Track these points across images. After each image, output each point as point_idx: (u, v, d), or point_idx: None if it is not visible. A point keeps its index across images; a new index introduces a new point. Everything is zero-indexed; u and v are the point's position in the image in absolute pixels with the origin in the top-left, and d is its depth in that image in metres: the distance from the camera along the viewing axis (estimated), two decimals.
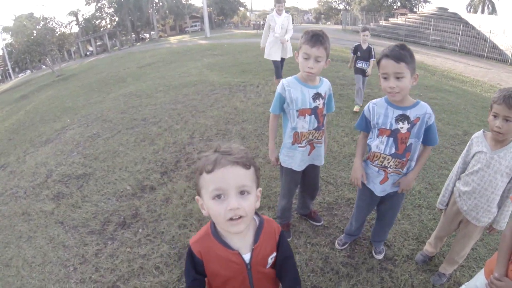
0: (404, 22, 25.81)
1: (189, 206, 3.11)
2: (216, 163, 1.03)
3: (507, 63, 18.42)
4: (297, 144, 2.33)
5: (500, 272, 1.57)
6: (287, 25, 6.38)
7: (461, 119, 5.94)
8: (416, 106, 1.93)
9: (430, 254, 2.61)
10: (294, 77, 2.23)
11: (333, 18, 55.53)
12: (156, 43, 28.37)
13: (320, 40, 2.03)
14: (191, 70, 9.55)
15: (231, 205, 1.01)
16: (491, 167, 1.93)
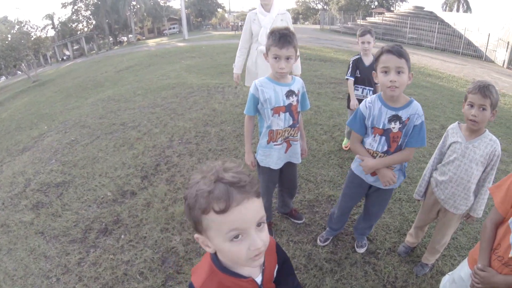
0: (381, 21, 26.29)
1: (170, 209, 3.09)
2: (230, 200, 0.84)
3: (481, 59, 19.06)
4: (273, 143, 2.34)
5: (483, 262, 1.59)
6: None
7: (438, 113, 6.09)
8: (408, 106, 1.96)
9: (411, 245, 2.67)
10: (266, 77, 2.26)
11: (311, 18, 56.03)
12: (134, 46, 28.06)
13: (288, 40, 2.07)
14: (169, 73, 9.47)
15: (256, 245, 0.87)
16: (466, 157, 2.00)
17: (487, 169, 1.99)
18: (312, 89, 6.98)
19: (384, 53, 1.87)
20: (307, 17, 58.50)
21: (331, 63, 10.59)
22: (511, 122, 6.61)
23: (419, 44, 21.75)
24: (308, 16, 57.94)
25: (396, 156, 2.06)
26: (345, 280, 2.40)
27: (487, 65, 17.14)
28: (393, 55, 1.82)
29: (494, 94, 1.85)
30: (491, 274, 1.54)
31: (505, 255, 1.50)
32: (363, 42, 3.64)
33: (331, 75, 8.50)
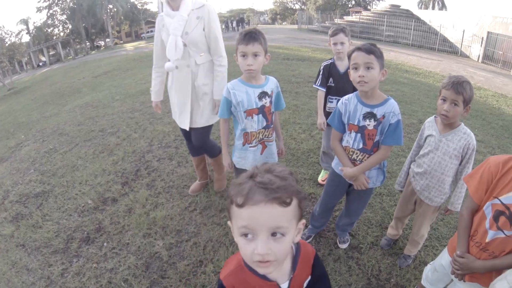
0: (358, 19, 26.68)
1: (152, 214, 3.06)
2: (248, 197, 0.85)
3: (457, 55, 19.66)
4: (248, 145, 2.34)
5: (462, 249, 1.64)
6: (198, 36, 2.67)
7: (415, 108, 6.23)
8: (384, 104, 1.97)
9: (393, 237, 2.72)
10: (238, 79, 2.25)
11: (289, 18, 56.30)
12: (111, 51, 27.66)
13: (254, 36, 2.06)
14: (147, 77, 9.32)
15: (258, 250, 0.86)
16: (439, 149, 2.05)
17: (463, 162, 2.03)
18: (290, 88, 7.03)
19: (355, 51, 1.91)
20: (285, 17, 58.80)
21: (308, 62, 10.71)
22: (486, 114, 6.84)
23: (396, 42, 22.16)
24: (286, 16, 58.24)
25: (373, 158, 2.08)
26: (329, 276, 2.42)
27: (463, 60, 17.66)
28: (362, 51, 1.87)
29: (467, 90, 1.88)
30: (470, 260, 1.59)
31: (482, 240, 1.55)
32: (335, 43, 2.93)
33: (309, 74, 8.57)
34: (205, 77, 2.81)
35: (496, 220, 1.48)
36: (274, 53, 12.28)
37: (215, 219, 2.98)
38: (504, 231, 1.45)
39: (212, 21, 2.67)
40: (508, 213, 1.43)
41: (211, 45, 2.74)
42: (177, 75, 2.81)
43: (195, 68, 2.77)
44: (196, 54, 2.72)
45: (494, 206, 1.49)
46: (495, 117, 6.80)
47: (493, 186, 1.51)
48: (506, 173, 1.46)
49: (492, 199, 1.50)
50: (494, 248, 1.52)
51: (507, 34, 17.00)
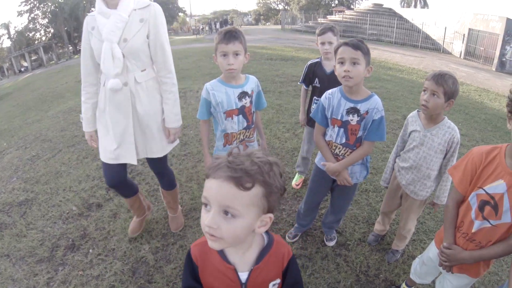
0: (341, 18, 26.86)
1: None
2: (213, 171, 0.91)
3: (439, 51, 20.07)
4: (229, 146, 2.31)
5: (448, 241, 1.66)
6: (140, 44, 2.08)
7: (399, 104, 6.30)
8: (368, 100, 1.98)
9: (380, 233, 2.74)
10: (217, 79, 2.21)
11: (273, 19, 56.47)
12: None
13: (234, 35, 2.03)
14: None
15: (206, 222, 0.90)
16: (424, 144, 2.07)
17: (447, 156, 2.06)
18: (274, 88, 7.00)
19: (342, 46, 1.91)
20: (268, 18, 58.97)
21: (292, 61, 10.73)
22: (469, 109, 6.97)
23: (379, 40, 22.43)
24: (270, 17, 58.41)
25: (355, 153, 2.09)
26: (317, 274, 2.43)
27: (445, 57, 17.98)
28: (349, 47, 1.87)
29: (449, 83, 1.90)
30: (457, 251, 1.61)
31: (468, 231, 1.57)
32: (323, 42, 2.85)
33: (293, 73, 8.58)
34: (149, 101, 2.22)
35: (482, 210, 1.51)
36: (257, 54, 12.28)
37: (200, 222, 2.94)
38: (490, 220, 1.48)
39: (160, 25, 2.12)
40: (493, 202, 1.46)
41: (157, 57, 2.15)
42: (111, 97, 2.12)
43: (135, 88, 2.14)
44: (136, 69, 2.11)
45: (479, 196, 1.52)
46: (478, 111, 6.92)
47: (477, 177, 1.53)
48: (490, 163, 1.49)
49: (477, 190, 1.53)
50: (480, 238, 1.54)
51: (487, 30, 17.41)
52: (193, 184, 3.49)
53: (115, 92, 2.11)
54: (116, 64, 2.02)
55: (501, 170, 1.43)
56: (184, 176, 3.65)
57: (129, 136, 2.24)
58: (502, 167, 1.43)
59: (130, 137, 2.24)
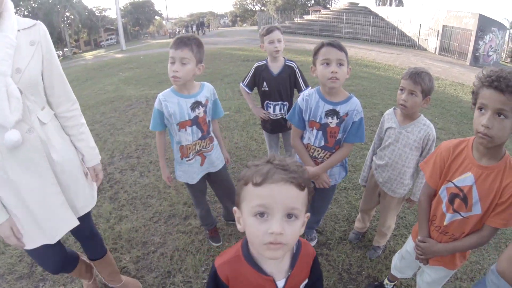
0: (318, 18, 27.13)
1: (116, 228, 2.94)
2: (268, 176, 0.88)
3: (415, 48, 20.58)
4: (185, 158, 2.24)
5: (423, 234, 1.69)
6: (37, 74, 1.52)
7: (376, 101, 6.39)
8: (347, 102, 1.96)
9: (361, 230, 2.74)
10: (170, 89, 2.12)
11: (249, 20, 56.74)
12: (70, 61, 26.61)
13: (185, 42, 1.94)
14: (107, 86, 9.11)
15: (273, 228, 0.85)
16: (400, 141, 2.07)
17: (424, 153, 2.07)
18: None
19: (325, 46, 1.88)
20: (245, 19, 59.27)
21: None
22: (445, 103, 7.13)
23: (356, 38, 22.73)
24: (246, 18, 58.72)
25: (335, 156, 2.08)
26: None
27: (421, 53, 18.40)
28: (334, 47, 1.85)
29: (426, 81, 1.92)
30: (431, 244, 1.64)
31: (441, 223, 1.59)
32: (272, 41, 2.72)
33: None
34: (63, 143, 1.68)
35: (452, 203, 1.53)
36: (234, 55, 12.30)
37: (180, 228, 2.90)
38: (461, 212, 1.50)
39: (52, 48, 1.65)
40: (462, 195, 1.48)
41: (54, 88, 1.65)
42: (12, 156, 1.47)
43: (44, 132, 1.56)
44: (37, 107, 1.56)
45: (448, 190, 1.54)
46: (453, 105, 7.09)
47: (446, 170, 1.55)
48: (457, 157, 1.51)
49: (446, 183, 1.55)
50: (453, 230, 1.56)
51: (461, 26, 17.97)
52: (171, 190, 3.44)
53: (15, 148, 1.46)
54: (15, 107, 1.40)
55: (469, 162, 1.46)
56: (162, 182, 3.58)
57: (56, 197, 1.63)
58: (470, 159, 1.46)
59: (57, 198, 1.64)
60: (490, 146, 1.34)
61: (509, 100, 1.23)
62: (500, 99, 1.24)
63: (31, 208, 1.55)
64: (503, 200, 1.38)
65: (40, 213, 1.58)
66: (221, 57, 12.03)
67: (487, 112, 1.28)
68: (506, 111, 1.24)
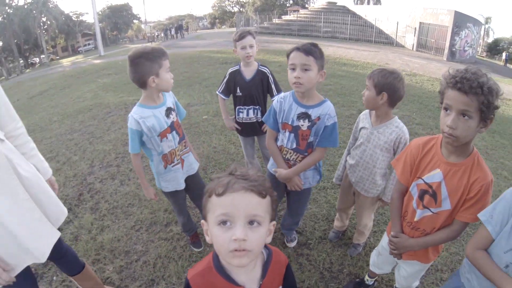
0: (296, 18, 27.29)
1: (99, 238, 2.91)
2: (228, 186, 0.92)
3: (393, 45, 20.99)
4: (170, 165, 2.27)
5: (395, 230, 1.74)
6: None
7: (354, 99, 6.48)
8: (319, 106, 1.97)
9: (340, 229, 2.79)
10: (138, 106, 2.10)
11: (228, 22, 56.62)
12: (47, 68, 26.05)
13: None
14: (85, 94, 8.98)
15: (237, 235, 0.88)
16: (371, 142, 2.11)
17: (396, 156, 2.07)
18: None
19: (294, 51, 1.88)
20: (224, 21, 59.12)
21: None
22: (423, 98, 7.28)
23: (334, 37, 22.95)
24: (225, 20, 58.59)
25: (307, 160, 2.09)
26: None
27: (398, 50, 18.72)
28: (301, 52, 1.84)
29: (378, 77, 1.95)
30: (403, 239, 1.69)
31: (412, 219, 1.65)
32: (244, 46, 2.73)
33: None
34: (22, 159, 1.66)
35: (422, 199, 1.58)
36: (212, 58, 12.23)
37: (161, 235, 2.91)
38: (431, 208, 1.56)
39: None
40: (431, 191, 1.53)
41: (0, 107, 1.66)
42: None
43: (4, 148, 1.52)
44: None
45: (418, 186, 1.59)
46: (431, 100, 7.24)
47: (416, 167, 1.60)
48: (427, 154, 1.56)
49: (416, 180, 1.60)
50: (424, 226, 1.62)
51: (437, 23, 18.46)
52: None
53: None
54: None
55: (437, 159, 1.51)
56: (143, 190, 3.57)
57: (33, 213, 1.60)
58: (438, 157, 1.51)
59: (34, 213, 1.60)
60: (456, 145, 1.39)
61: (473, 101, 1.26)
62: (464, 100, 1.27)
63: (10, 230, 1.48)
64: (471, 196, 1.42)
65: (22, 233, 1.53)
66: (200, 60, 11.97)
67: (451, 113, 1.32)
68: (470, 111, 1.28)
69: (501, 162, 4.77)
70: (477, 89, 1.25)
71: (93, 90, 9.33)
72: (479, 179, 1.41)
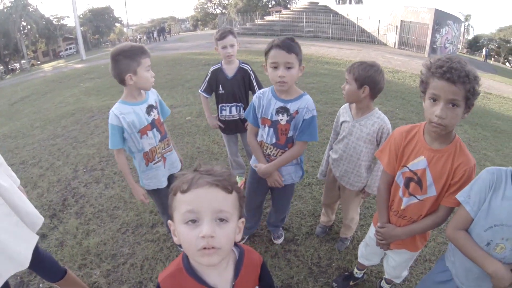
0: (278, 18, 27.37)
1: (84, 243, 2.87)
2: (193, 182, 0.89)
3: (375, 43, 21.24)
4: (151, 163, 2.26)
5: (382, 221, 1.76)
6: None
7: (337, 97, 6.56)
8: (298, 100, 1.98)
9: (326, 224, 2.81)
10: (120, 102, 2.13)
11: (211, 23, 56.43)
12: (28, 73, 25.48)
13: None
14: (68, 99, 8.84)
15: (204, 232, 0.85)
16: (353, 135, 2.12)
17: (380, 147, 2.10)
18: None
19: (274, 48, 1.87)
20: (206, 22, 58.89)
21: None
22: (405, 94, 7.42)
23: (316, 36, 23.09)
24: (207, 22, 58.39)
25: (287, 154, 2.10)
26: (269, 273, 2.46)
27: (380, 48, 18.99)
28: (282, 50, 1.83)
29: (359, 69, 1.96)
30: (390, 228, 1.72)
31: (398, 208, 1.68)
32: (225, 46, 2.76)
33: None
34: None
35: (407, 186, 1.61)
36: (195, 60, 12.22)
37: (148, 236, 2.89)
38: (416, 196, 1.58)
39: None
40: (416, 178, 1.56)
41: None
42: None
43: None
44: None
45: (404, 174, 1.62)
46: (413, 96, 7.37)
47: (400, 156, 1.62)
48: (410, 142, 1.58)
49: (401, 168, 1.62)
50: (410, 213, 1.64)
51: (418, 21, 18.80)
52: (137, 200, 3.40)
53: None
54: None
55: (421, 146, 1.53)
56: (128, 192, 3.53)
57: (10, 218, 1.62)
58: (422, 144, 1.53)
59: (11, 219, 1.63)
60: (444, 133, 1.42)
61: (460, 90, 1.29)
62: (452, 89, 1.29)
63: None
64: (456, 180, 1.46)
65: (3, 238, 1.52)
66: (182, 62, 11.93)
67: (439, 103, 1.34)
68: (458, 100, 1.31)
69: (483, 153, 4.90)
70: (464, 78, 1.27)
71: (75, 94, 9.20)
72: (462, 164, 1.44)
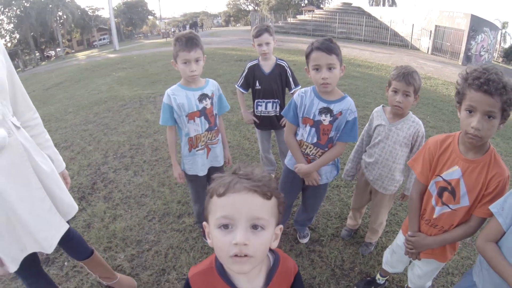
0: (311, 18, 27.26)
1: (111, 227, 2.95)
2: (230, 186, 0.85)
3: (408, 48, 20.78)
4: (194, 149, 2.33)
5: (413, 229, 1.74)
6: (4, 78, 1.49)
7: (369, 100, 6.45)
8: (341, 101, 1.98)
9: (353, 227, 2.78)
10: (177, 85, 2.25)
11: (243, 20, 56.70)
12: (63, 61, 26.43)
13: (195, 42, 2.09)
14: (100, 86, 9.07)
15: (237, 239, 0.81)
16: (390, 138, 2.10)
17: (414, 150, 2.10)
18: None
19: (314, 50, 1.87)
20: (238, 19, 59.23)
21: None
22: (437, 102, 7.21)
23: (349, 38, 22.85)
24: (240, 18, 58.69)
25: (328, 155, 2.09)
26: None
27: (413, 53, 18.54)
28: (323, 52, 1.83)
29: (417, 80, 1.96)
30: (421, 237, 1.69)
31: (430, 217, 1.65)
32: (260, 44, 2.82)
33: None
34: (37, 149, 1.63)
35: (441, 196, 1.58)
36: (227, 55, 12.30)
37: (174, 226, 2.92)
38: (449, 205, 1.56)
39: (8, 57, 1.65)
40: (450, 188, 1.53)
41: (16, 95, 1.64)
42: None
43: (20, 136, 1.50)
44: (8, 112, 1.48)
45: (437, 184, 1.59)
46: (445, 104, 7.18)
47: (434, 165, 1.60)
48: (445, 151, 1.56)
49: (435, 177, 1.60)
50: (442, 223, 1.62)
51: (453, 27, 18.16)
52: (165, 189, 3.46)
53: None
54: None
55: (456, 156, 1.51)
56: (156, 181, 3.60)
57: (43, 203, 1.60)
58: (456, 153, 1.51)
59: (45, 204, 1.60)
60: (480, 145, 1.41)
61: (497, 102, 1.27)
62: (490, 102, 1.28)
63: (22, 217, 1.47)
64: (489, 191, 1.43)
65: (32, 222, 1.52)
66: (215, 57, 12.01)
67: (476, 115, 1.32)
68: (495, 112, 1.29)
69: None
70: (501, 89, 1.26)
71: (108, 83, 9.43)
72: (497, 175, 1.42)
